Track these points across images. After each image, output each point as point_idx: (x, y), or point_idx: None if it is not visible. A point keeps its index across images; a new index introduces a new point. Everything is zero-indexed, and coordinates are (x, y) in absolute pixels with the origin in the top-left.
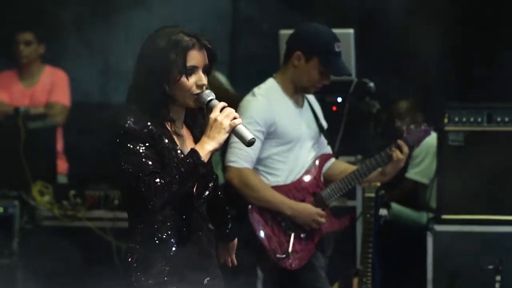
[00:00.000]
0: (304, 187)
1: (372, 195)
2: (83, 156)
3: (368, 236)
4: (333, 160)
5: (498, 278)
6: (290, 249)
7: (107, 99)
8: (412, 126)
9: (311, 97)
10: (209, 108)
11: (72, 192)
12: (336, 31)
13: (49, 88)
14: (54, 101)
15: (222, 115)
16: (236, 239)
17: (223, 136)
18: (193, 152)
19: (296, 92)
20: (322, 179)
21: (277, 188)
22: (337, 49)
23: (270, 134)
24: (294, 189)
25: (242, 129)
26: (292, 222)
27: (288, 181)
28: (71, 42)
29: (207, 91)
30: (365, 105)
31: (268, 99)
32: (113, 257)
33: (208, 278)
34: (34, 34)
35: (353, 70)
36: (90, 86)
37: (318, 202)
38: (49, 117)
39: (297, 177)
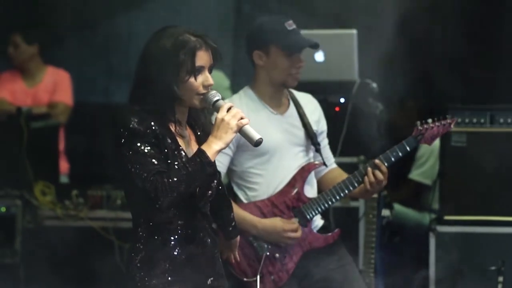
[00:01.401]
0: (283, 201)
1: (375, 195)
2: (86, 156)
3: (371, 237)
4: (333, 166)
5: (500, 279)
6: (259, 272)
7: (110, 100)
8: (428, 122)
9: (304, 100)
10: (215, 108)
11: (75, 192)
12: (338, 31)
13: (52, 88)
14: (57, 100)
15: (229, 115)
16: (238, 236)
17: (230, 136)
18: (201, 151)
19: (275, 96)
20: (305, 191)
21: (251, 203)
22: (289, 28)
23: (242, 146)
24: (271, 204)
25: (249, 129)
26: (265, 240)
27: (267, 195)
28: (74, 43)
29: (213, 92)
30: (368, 106)
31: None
32: (115, 257)
33: (211, 278)
34: (22, 35)
35: (355, 71)
36: (93, 87)
37: (299, 217)
38: (52, 117)
39: (277, 190)
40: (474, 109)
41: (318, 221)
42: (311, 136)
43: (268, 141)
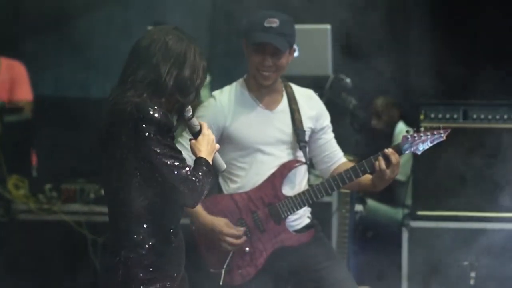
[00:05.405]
0: (260, 196)
1: (348, 190)
2: (61, 150)
3: (344, 232)
4: (342, 161)
5: (472, 274)
6: (225, 264)
7: (88, 94)
8: (420, 130)
9: (301, 96)
10: (191, 123)
11: (48, 186)
12: (313, 26)
13: (9, 86)
14: (18, 99)
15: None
16: None
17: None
18: (204, 159)
19: (265, 90)
20: (283, 189)
21: (228, 195)
22: (266, 24)
23: (225, 138)
24: (247, 198)
25: (218, 155)
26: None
27: (246, 189)
28: (52, 37)
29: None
30: (342, 101)
31: (222, 101)
32: (88, 250)
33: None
34: None
35: (329, 66)
36: (71, 81)
37: (273, 214)
38: (25, 111)
39: (256, 185)
40: (447, 104)
41: (302, 219)
42: (297, 133)
43: (253, 136)
